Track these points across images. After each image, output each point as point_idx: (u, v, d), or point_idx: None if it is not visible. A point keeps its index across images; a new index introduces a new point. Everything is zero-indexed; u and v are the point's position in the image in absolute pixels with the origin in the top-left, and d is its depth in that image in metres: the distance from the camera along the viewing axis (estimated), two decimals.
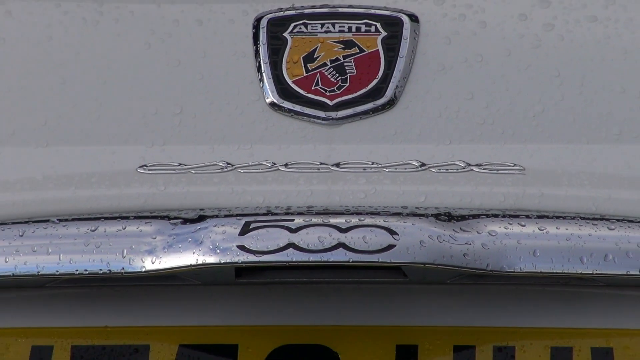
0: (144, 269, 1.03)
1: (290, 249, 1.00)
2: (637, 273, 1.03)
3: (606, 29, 1.23)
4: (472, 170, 1.11)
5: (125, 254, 1.04)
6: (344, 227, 1.00)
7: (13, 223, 1.09)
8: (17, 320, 1.11)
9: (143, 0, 1.34)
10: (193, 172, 1.12)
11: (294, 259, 1.00)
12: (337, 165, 1.12)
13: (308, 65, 1.20)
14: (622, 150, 1.12)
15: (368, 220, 1.03)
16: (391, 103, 1.16)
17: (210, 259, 1.01)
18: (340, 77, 1.18)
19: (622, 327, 1.09)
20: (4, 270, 1.06)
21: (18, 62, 1.25)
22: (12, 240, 1.07)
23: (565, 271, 1.03)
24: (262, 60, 1.20)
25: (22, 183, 1.15)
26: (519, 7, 1.24)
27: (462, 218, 1.05)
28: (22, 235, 1.06)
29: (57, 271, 1.05)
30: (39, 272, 1.05)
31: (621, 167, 1.13)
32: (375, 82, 1.18)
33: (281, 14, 1.25)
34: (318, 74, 1.19)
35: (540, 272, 1.03)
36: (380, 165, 1.12)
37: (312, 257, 1.00)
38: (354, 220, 1.02)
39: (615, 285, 1.06)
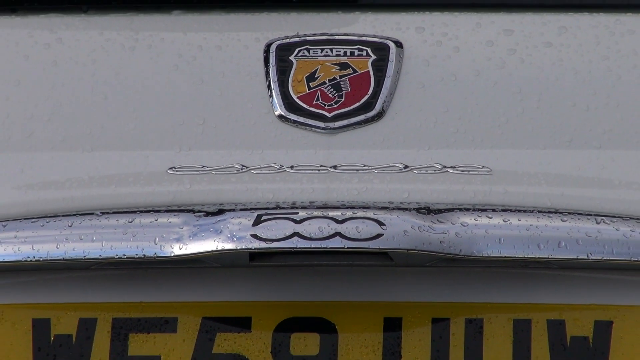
0: (172, 254, 1.11)
1: (295, 237, 1.09)
2: (585, 257, 1.12)
3: (559, 52, 1.31)
4: (447, 171, 1.19)
5: (157, 242, 1.13)
6: (340, 219, 1.09)
7: (64, 215, 1.17)
8: (67, 297, 1.19)
9: (172, 29, 1.40)
10: (214, 173, 1.20)
11: (299, 246, 1.09)
12: (335, 167, 1.20)
13: (310, 83, 1.27)
14: (572, 154, 1.20)
15: (360, 213, 1.11)
16: (380, 115, 1.23)
17: (228, 246, 1.10)
18: (337, 94, 1.25)
19: (573, 302, 1.16)
20: (55, 254, 1.14)
21: (69, 81, 1.33)
22: (63, 230, 1.15)
23: (525, 256, 1.12)
24: (271, 80, 1.27)
25: (72, 182, 1.23)
26: (486, 35, 1.32)
27: (439, 211, 1.13)
28: (71, 226, 1.15)
29: (100, 256, 1.14)
30: (85, 256, 1.14)
31: (572, 168, 1.20)
32: (366, 97, 1.25)
33: (287, 40, 1.32)
34: (318, 91, 1.26)
35: (505, 257, 1.12)
36: (370, 167, 1.20)
37: (314, 244, 1.09)
38: (349, 213, 1.11)
39: (567, 268, 1.15)
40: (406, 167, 1.21)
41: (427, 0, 1.43)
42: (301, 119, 1.25)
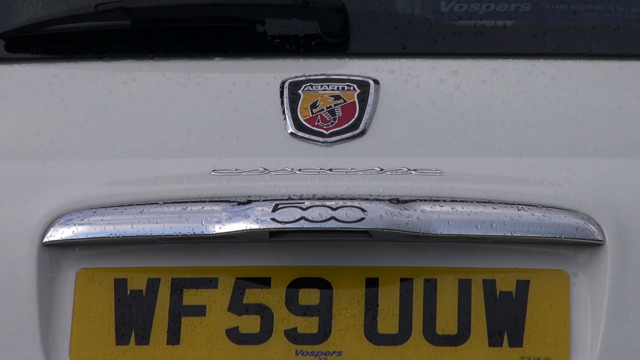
0: (214, 232, 1.30)
1: (302, 220, 1.28)
2: (510, 234, 1.31)
3: (490, 87, 1.50)
4: (411, 173, 1.37)
5: (203, 223, 1.31)
6: (334, 207, 1.29)
7: (136, 204, 1.35)
8: (139, 262, 1.38)
9: (214, 71, 1.57)
10: (244, 174, 1.38)
11: (304, 227, 1.28)
12: (330, 170, 1.38)
13: (313, 110, 1.44)
14: (500, 161, 1.39)
15: (349, 203, 1.30)
16: (363, 133, 1.41)
17: (254, 226, 1.28)
18: (332, 117, 1.42)
19: (501, 267, 1.34)
20: (130, 233, 1.33)
21: (140, 108, 1.51)
22: (136, 215, 1.34)
23: (467, 234, 1.32)
24: (285, 107, 1.44)
25: (142, 180, 1.40)
26: (438, 75, 1.51)
27: (405, 202, 1.32)
28: (141, 212, 1.34)
29: (163, 233, 1.32)
30: (151, 234, 1.33)
31: (500, 171, 1.38)
32: (353, 120, 1.42)
33: (297, 79, 1.48)
34: (319, 115, 1.44)
35: (452, 234, 1.32)
36: (356, 170, 1.38)
37: (315, 225, 1.28)
38: (341, 203, 1.30)
39: (497, 242, 1.34)
40: (382, 170, 1.38)
41: (395, 50, 1.57)
42: (306, 136, 1.43)
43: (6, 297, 1.38)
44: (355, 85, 1.49)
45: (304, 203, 1.33)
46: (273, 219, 1.30)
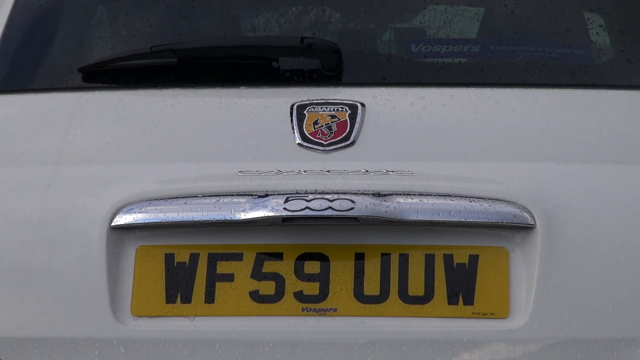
0: (240, 218, 1.45)
1: (307, 209, 1.43)
2: (464, 220, 1.45)
3: (450, 109, 1.65)
4: (389, 173, 1.51)
5: (232, 212, 1.46)
6: (331, 200, 1.44)
7: (181, 197, 1.50)
8: (183, 241, 1.50)
9: (240, 96, 1.70)
10: (262, 174, 1.52)
11: (308, 214, 1.42)
12: (328, 171, 1.52)
13: (315, 126, 1.58)
14: (457, 164, 1.54)
15: (342, 196, 1.45)
16: (353, 143, 1.56)
17: (270, 214, 1.43)
18: (329, 131, 1.57)
19: (457, 244, 1.48)
20: (177, 218, 1.47)
21: (184, 124, 1.64)
22: (181, 205, 1.48)
23: (431, 219, 1.46)
24: (294, 124, 1.59)
25: (185, 179, 1.54)
26: (410, 99, 1.65)
27: (384, 195, 1.47)
28: (185, 203, 1.48)
29: (201, 219, 1.46)
30: (192, 219, 1.46)
31: (457, 171, 1.53)
32: (345, 134, 1.57)
33: (302, 102, 1.62)
34: (319, 130, 1.58)
35: (420, 220, 1.45)
36: (347, 172, 1.52)
37: (317, 213, 1.42)
38: (336, 196, 1.44)
39: (454, 226, 1.47)
40: (367, 171, 1.53)
41: (377, 81, 1.71)
42: (310, 146, 1.57)
43: (83, 268, 1.48)
44: (346, 107, 1.61)
45: (308, 196, 1.46)
46: (285, 208, 1.43)
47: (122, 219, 1.49)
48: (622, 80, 1.79)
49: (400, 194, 1.49)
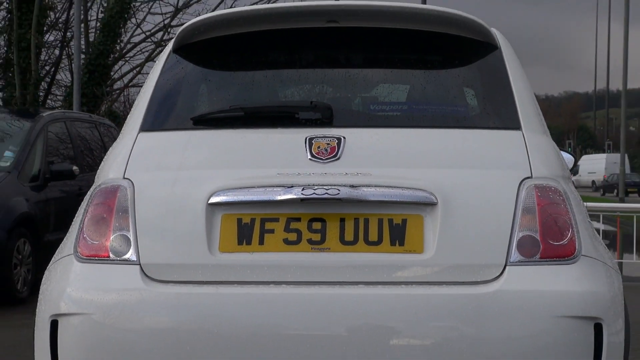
0: (278, 199, 2.24)
1: (314, 194, 2.22)
2: (399, 200, 2.24)
3: (392, 139, 2.41)
4: (358, 175, 2.28)
5: (273, 195, 2.26)
6: (327, 189, 2.22)
7: (245, 187, 2.27)
8: (246, 211, 2.27)
9: (277, 133, 2.46)
10: (289, 175, 2.28)
11: (314, 197, 2.21)
12: (325, 174, 2.27)
13: (318, 149, 2.34)
14: (397, 169, 2.30)
15: (332, 187, 2.23)
16: (339, 159, 2.32)
17: (294, 197, 2.22)
18: (326, 152, 2.34)
19: (396, 213, 2.24)
20: (243, 199, 2.27)
21: (243, 149, 2.43)
22: (245, 192, 2.28)
23: (381, 200, 2.25)
24: (307, 148, 2.34)
25: (248, 177, 2.28)
26: (370, 134, 2.40)
27: (356, 186, 2.25)
28: (248, 191, 2.28)
29: (257, 199, 2.27)
30: (251, 199, 2.28)
31: (397, 173, 2.29)
32: (334, 153, 2.33)
33: (311, 136, 2.34)
34: (321, 151, 2.34)
35: (375, 200, 2.24)
36: (335, 174, 2.28)
37: (319, 196, 2.21)
38: (330, 187, 2.23)
39: (394, 203, 2.25)
40: (346, 174, 2.28)
41: (352, 124, 2.50)
42: (315, 160, 2.32)
43: (193, 226, 2.26)
44: (335, 139, 2.39)
45: (314, 187, 2.24)
46: (302, 194, 2.23)
47: (213, 200, 2.31)
48: (484, 124, 2.60)
49: (364, 186, 2.28)
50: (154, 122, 2.60)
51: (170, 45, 2.83)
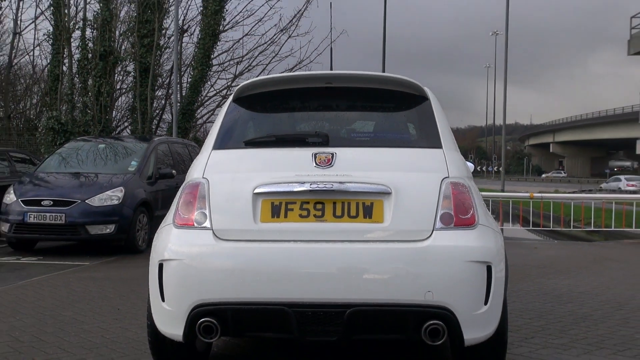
0: (296, 190, 3.50)
1: (315, 186, 3.47)
2: (369, 191, 3.48)
3: (364, 154, 3.71)
4: (345, 175, 3.55)
5: (292, 188, 3.53)
6: (325, 184, 3.48)
7: (273, 183, 3.52)
8: (275, 198, 3.49)
9: (296, 150, 3.72)
10: (302, 176, 3.53)
11: (317, 189, 3.48)
12: (324, 175, 3.52)
13: (320, 159, 3.60)
14: (369, 172, 3.56)
15: (328, 183, 3.50)
16: (332, 165, 3.57)
17: (305, 189, 3.49)
18: (324, 161, 3.59)
19: (365, 199, 3.47)
20: (272, 190, 3.52)
21: (272, 160, 3.68)
22: (274, 186, 3.54)
23: (360, 191, 3.50)
24: (313, 159, 3.60)
25: (277, 177, 3.53)
26: (352, 150, 3.67)
27: (343, 182, 3.51)
28: (275, 186, 3.56)
29: (283, 190, 3.52)
30: (278, 190, 3.54)
31: (369, 175, 3.54)
32: (330, 162, 3.60)
33: (316, 152, 3.60)
34: (321, 161, 3.61)
35: (357, 191, 3.48)
36: (330, 174, 3.53)
37: (321, 188, 3.47)
38: (327, 183, 3.49)
39: (365, 192, 3.48)
40: (337, 175, 3.52)
41: (342, 145, 3.67)
42: (318, 166, 3.57)
43: (241, 211, 3.44)
44: (330, 154, 3.58)
45: (318, 183, 3.42)
46: (310, 187, 3.42)
47: (257, 190, 3.46)
48: (420, 145, 3.81)
49: (348, 182, 3.42)
50: (221, 144, 3.85)
51: (230, 98, 4.19)
